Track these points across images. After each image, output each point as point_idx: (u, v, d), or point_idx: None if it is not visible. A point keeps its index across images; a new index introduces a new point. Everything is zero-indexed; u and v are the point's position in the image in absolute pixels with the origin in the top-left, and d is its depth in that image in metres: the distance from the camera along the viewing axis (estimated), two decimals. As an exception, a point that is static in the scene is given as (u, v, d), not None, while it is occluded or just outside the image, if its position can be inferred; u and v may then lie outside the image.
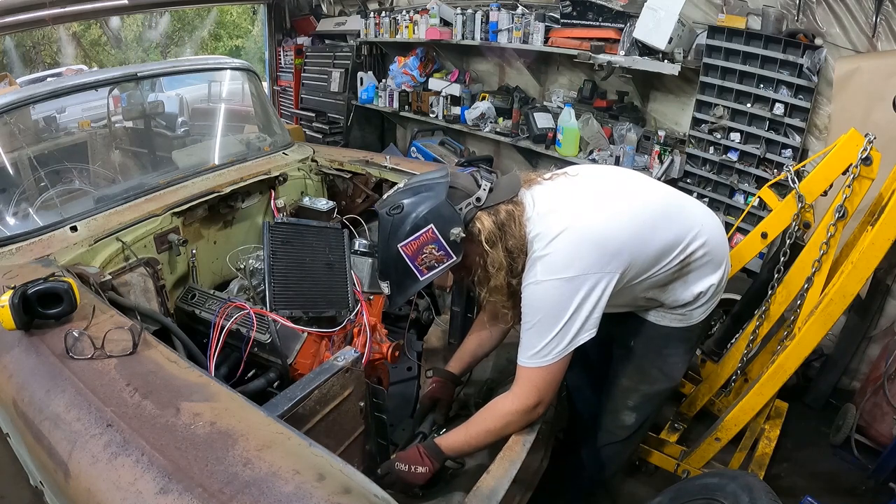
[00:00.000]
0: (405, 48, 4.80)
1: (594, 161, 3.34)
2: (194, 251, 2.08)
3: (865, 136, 1.61)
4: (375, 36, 4.95)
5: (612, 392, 1.64)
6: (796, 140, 2.64)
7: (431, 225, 1.24)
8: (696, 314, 1.47)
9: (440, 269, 1.29)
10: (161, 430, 0.98)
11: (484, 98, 4.16)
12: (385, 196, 1.39)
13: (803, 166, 1.99)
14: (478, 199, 1.28)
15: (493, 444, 1.35)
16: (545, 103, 3.93)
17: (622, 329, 1.57)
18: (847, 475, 2.23)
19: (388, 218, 1.28)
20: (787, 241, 1.82)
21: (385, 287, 1.37)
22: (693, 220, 1.38)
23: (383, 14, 4.79)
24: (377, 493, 0.89)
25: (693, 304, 1.45)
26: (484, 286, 1.36)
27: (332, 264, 1.94)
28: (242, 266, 1.97)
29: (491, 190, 1.31)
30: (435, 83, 4.55)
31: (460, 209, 1.27)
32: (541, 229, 1.26)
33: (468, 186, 1.31)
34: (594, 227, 1.24)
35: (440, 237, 1.25)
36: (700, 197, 2.97)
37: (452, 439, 1.37)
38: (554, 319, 1.21)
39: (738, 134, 2.82)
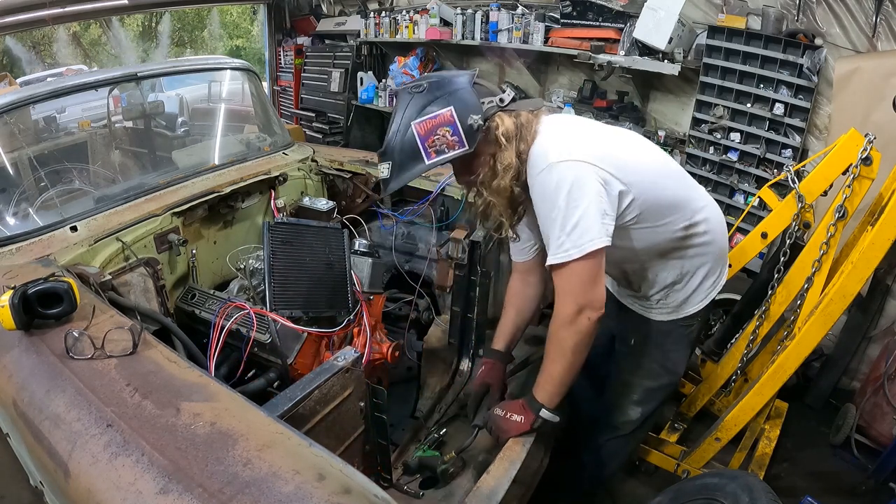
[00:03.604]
0: (405, 48, 4.79)
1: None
2: (194, 251, 2.08)
3: (865, 136, 1.61)
4: (375, 36, 4.94)
5: (616, 388, 1.66)
6: (796, 140, 2.64)
7: (452, 107, 1.23)
8: (694, 306, 1.50)
9: (449, 155, 1.26)
10: (161, 430, 0.98)
11: (484, 98, 4.15)
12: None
13: (803, 166, 1.99)
14: (501, 100, 1.29)
15: (572, 370, 1.30)
16: (545, 103, 3.93)
17: (622, 326, 1.59)
18: (847, 475, 2.23)
19: (408, 95, 1.27)
20: (787, 241, 1.83)
21: (384, 169, 1.31)
22: (702, 197, 1.44)
23: (383, 14, 4.78)
24: (377, 493, 0.89)
25: (692, 298, 1.48)
26: (487, 187, 1.33)
27: (332, 264, 1.94)
28: (242, 266, 1.96)
29: (514, 99, 1.31)
30: (435, 83, 4.54)
31: (482, 102, 1.27)
32: (550, 141, 1.27)
33: (493, 90, 1.31)
34: (606, 146, 1.28)
35: (457, 121, 1.23)
36: (700, 197, 2.97)
37: (540, 386, 1.34)
38: (554, 204, 1.20)
39: (738, 134, 2.82)
